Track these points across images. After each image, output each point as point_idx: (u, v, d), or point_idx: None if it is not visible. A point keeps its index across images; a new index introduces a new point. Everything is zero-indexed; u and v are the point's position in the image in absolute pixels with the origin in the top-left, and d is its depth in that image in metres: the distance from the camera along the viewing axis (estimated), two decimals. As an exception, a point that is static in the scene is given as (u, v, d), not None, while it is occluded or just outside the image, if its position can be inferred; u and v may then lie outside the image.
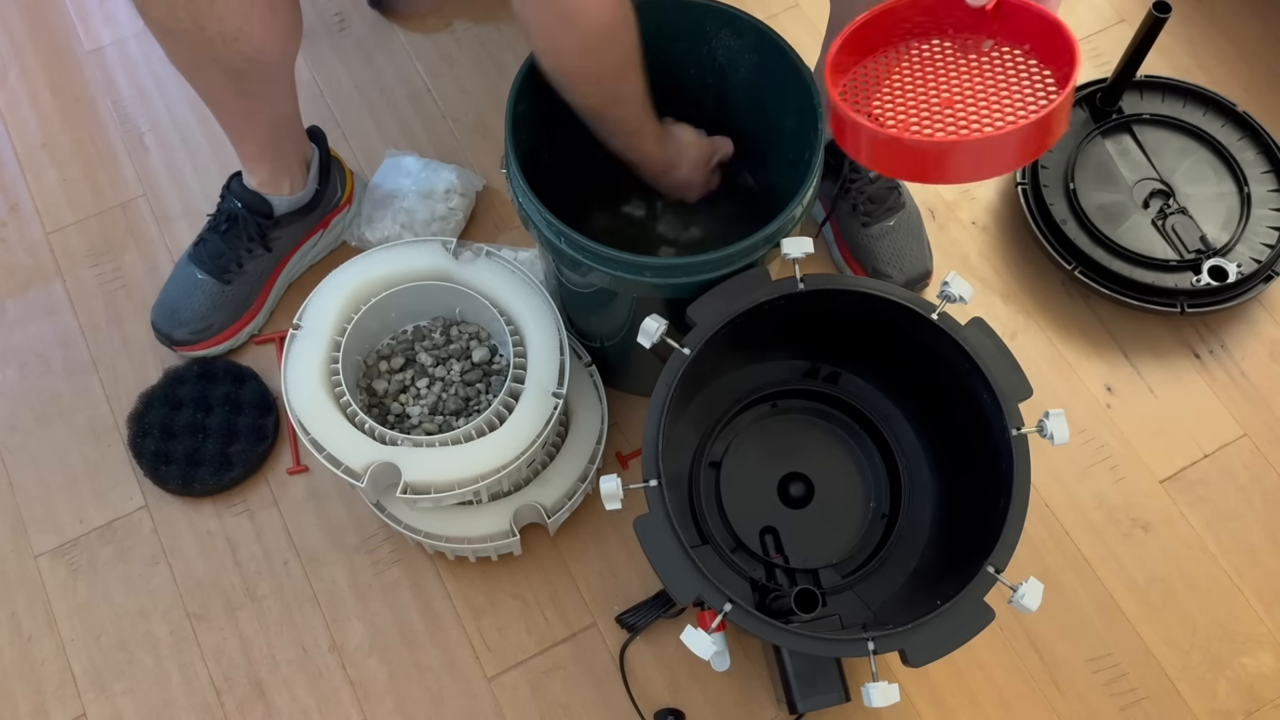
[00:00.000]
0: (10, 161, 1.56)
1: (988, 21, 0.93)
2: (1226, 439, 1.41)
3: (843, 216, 1.45)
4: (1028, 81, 0.91)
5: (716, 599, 0.96)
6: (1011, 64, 0.93)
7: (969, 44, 0.95)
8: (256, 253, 1.38)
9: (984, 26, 0.94)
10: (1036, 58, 0.92)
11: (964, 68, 0.94)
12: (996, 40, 0.94)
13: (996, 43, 0.94)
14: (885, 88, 0.95)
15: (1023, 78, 0.92)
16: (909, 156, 0.89)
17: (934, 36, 0.96)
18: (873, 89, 0.95)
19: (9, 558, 1.32)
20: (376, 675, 1.27)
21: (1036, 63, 0.92)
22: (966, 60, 0.94)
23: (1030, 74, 0.92)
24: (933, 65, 0.95)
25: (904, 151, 0.89)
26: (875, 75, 0.96)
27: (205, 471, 1.33)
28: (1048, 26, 0.90)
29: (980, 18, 0.93)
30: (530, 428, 1.16)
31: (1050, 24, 0.89)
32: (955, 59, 0.94)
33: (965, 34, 0.95)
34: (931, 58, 0.95)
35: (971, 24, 0.95)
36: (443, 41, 1.65)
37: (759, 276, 1.08)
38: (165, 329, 1.39)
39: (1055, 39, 0.89)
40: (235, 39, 1.11)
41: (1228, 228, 1.44)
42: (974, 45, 0.95)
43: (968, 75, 0.93)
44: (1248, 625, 1.31)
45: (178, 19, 1.08)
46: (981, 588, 0.98)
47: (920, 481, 1.21)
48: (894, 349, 1.17)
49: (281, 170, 1.34)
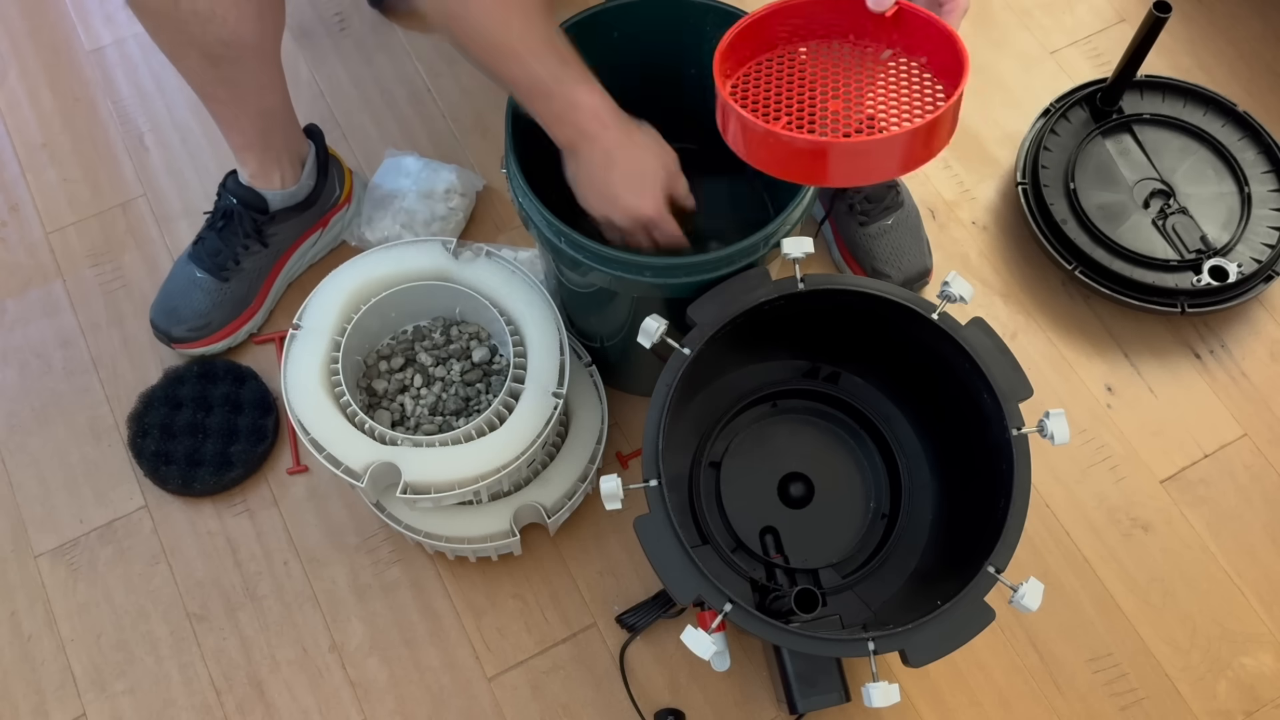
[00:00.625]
0: (10, 161, 1.56)
1: (888, 31, 0.94)
2: (1227, 439, 1.41)
3: (841, 216, 1.45)
4: (919, 92, 0.92)
5: (717, 599, 0.96)
6: (906, 74, 0.93)
7: (868, 52, 0.95)
8: (254, 249, 1.38)
9: (884, 36, 0.94)
10: (931, 71, 0.92)
11: (860, 74, 0.94)
12: (895, 50, 0.94)
13: (895, 53, 0.94)
14: (778, 86, 0.95)
15: (915, 88, 0.92)
16: (784, 153, 0.88)
17: (835, 40, 0.97)
18: (766, 85, 0.95)
19: (9, 558, 1.32)
20: (376, 675, 1.27)
21: (931, 76, 0.92)
22: (864, 67, 0.94)
23: (923, 85, 0.92)
24: (829, 69, 0.95)
25: (780, 148, 0.88)
26: (771, 72, 0.96)
27: (205, 471, 1.33)
28: (944, 40, 0.90)
29: (881, 26, 0.93)
30: (530, 428, 1.16)
31: (946, 37, 0.90)
32: (852, 65, 0.95)
33: (866, 41, 0.96)
34: (829, 61, 0.95)
35: (873, 32, 0.95)
36: (443, 41, 1.65)
37: (759, 276, 1.08)
38: (164, 326, 1.39)
39: (950, 53, 0.89)
40: (209, 19, 1.12)
41: (1228, 228, 1.44)
42: (873, 54, 0.95)
43: (863, 82, 0.93)
44: (1248, 625, 1.31)
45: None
46: (982, 588, 0.98)
47: (920, 481, 1.21)
48: (894, 349, 1.17)
49: (271, 162, 1.34)
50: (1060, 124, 1.51)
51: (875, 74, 0.94)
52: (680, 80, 1.23)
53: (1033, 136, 1.51)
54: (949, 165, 1.57)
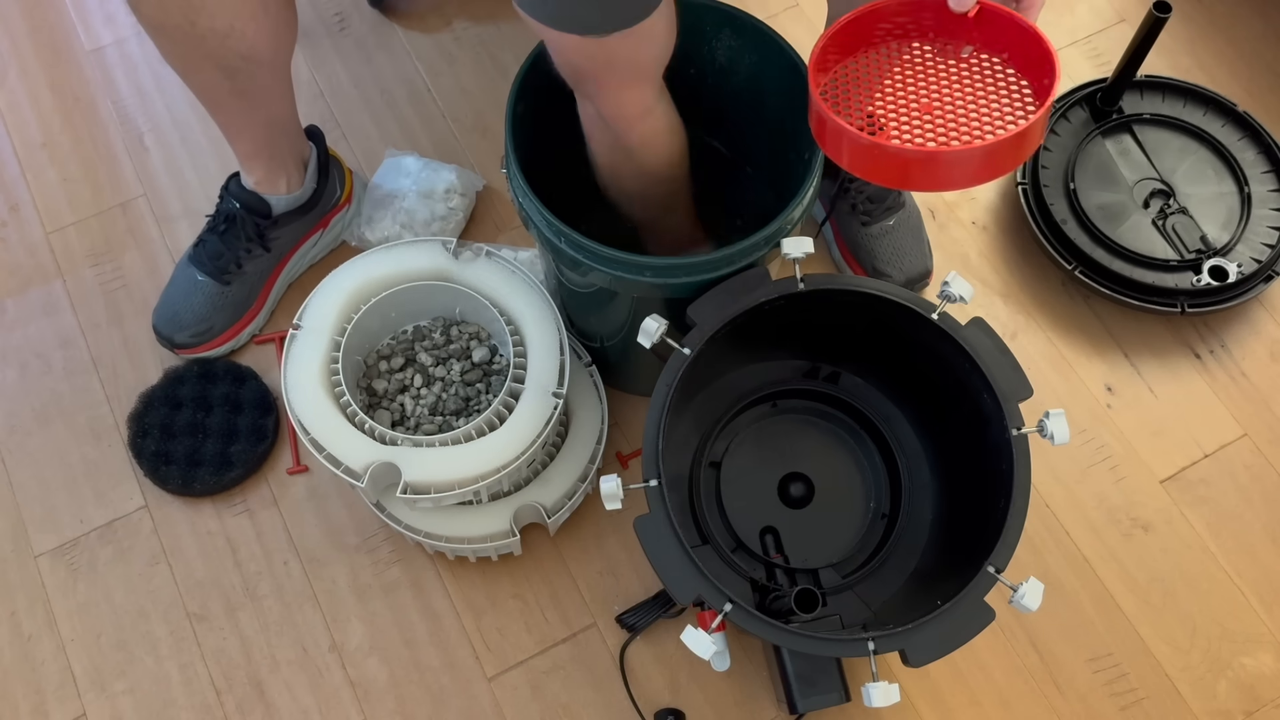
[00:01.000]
0: (10, 161, 1.56)
1: (968, 27, 0.94)
2: (1227, 439, 1.41)
3: (842, 216, 1.45)
4: (1004, 90, 0.92)
5: (716, 599, 0.96)
6: (989, 72, 0.93)
7: (948, 49, 0.95)
8: (255, 253, 1.37)
9: (964, 32, 0.94)
10: (1014, 67, 0.92)
11: (943, 73, 0.94)
12: (976, 47, 0.94)
13: (976, 49, 0.94)
14: (865, 90, 0.95)
15: (999, 87, 0.92)
16: (889, 163, 0.89)
17: (915, 39, 0.97)
18: (853, 90, 0.95)
19: (9, 558, 1.32)
20: (376, 675, 1.27)
21: (1014, 72, 0.92)
22: (945, 65, 0.94)
23: (1007, 83, 0.92)
24: (912, 69, 0.95)
25: (884, 158, 0.89)
26: (856, 76, 0.96)
27: (205, 471, 1.33)
28: (1027, 36, 0.90)
29: (961, 23, 0.93)
30: (530, 428, 1.16)
31: (1029, 34, 0.90)
32: (934, 64, 0.95)
33: (945, 38, 0.96)
34: (911, 61, 0.96)
35: (952, 29, 0.95)
36: (443, 41, 1.65)
37: (759, 276, 1.08)
38: (167, 332, 1.38)
39: (1034, 49, 0.90)
40: (227, 35, 1.11)
41: (1228, 228, 1.44)
42: (953, 50, 0.95)
43: (946, 81, 0.93)
44: (1248, 625, 1.31)
45: (169, 15, 1.08)
46: (982, 588, 0.98)
47: (920, 481, 1.21)
48: (894, 349, 1.17)
49: (278, 169, 1.34)
50: (1060, 124, 1.51)
51: (959, 72, 0.94)
52: (681, 78, 1.23)
53: (1033, 136, 1.51)
54: (949, 165, 1.57)
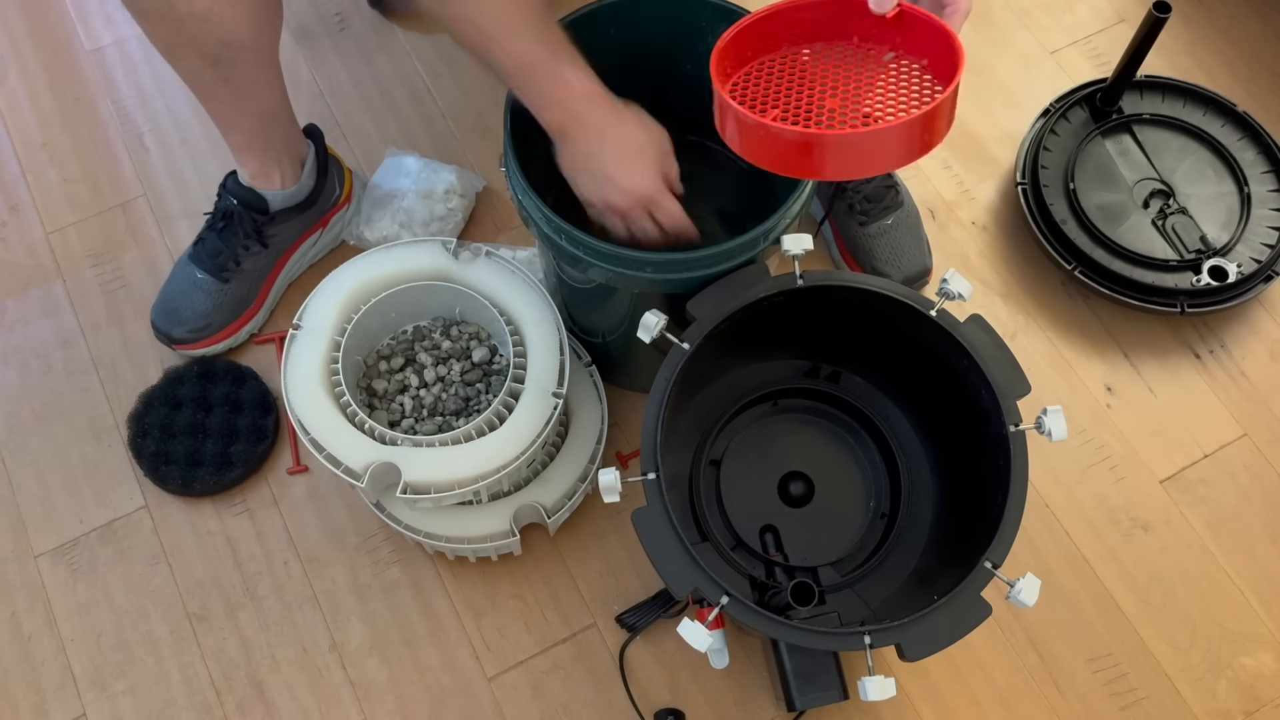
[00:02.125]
0: (10, 161, 1.56)
1: (890, 32, 0.94)
2: (1226, 439, 1.41)
3: (841, 215, 1.45)
4: (918, 92, 0.92)
5: (713, 592, 0.96)
6: (907, 76, 0.93)
7: (871, 53, 0.96)
8: (254, 250, 1.38)
9: (887, 37, 0.95)
10: (932, 72, 0.93)
11: (861, 75, 0.94)
12: (897, 53, 0.95)
13: (897, 55, 0.95)
14: (778, 85, 0.95)
15: (914, 88, 0.92)
16: (777, 146, 0.89)
17: (838, 41, 0.97)
18: (766, 84, 0.95)
19: (9, 558, 1.32)
20: (376, 675, 1.27)
21: (931, 77, 0.93)
22: (865, 68, 0.95)
23: (923, 85, 0.92)
24: (830, 70, 0.95)
25: (771, 141, 0.89)
26: (772, 72, 0.97)
27: (205, 471, 1.33)
28: (943, 40, 0.90)
29: (884, 28, 0.94)
30: (530, 428, 1.16)
31: (944, 37, 0.90)
32: (854, 66, 0.95)
33: (869, 43, 0.96)
34: (831, 62, 0.96)
35: (875, 34, 0.95)
36: (443, 41, 1.65)
37: (758, 272, 1.08)
38: (165, 328, 1.39)
39: (949, 51, 0.90)
40: (205, 19, 1.11)
41: (1228, 228, 1.44)
42: (875, 55, 0.95)
43: (863, 82, 0.94)
44: (1248, 625, 1.31)
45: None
46: (978, 583, 0.98)
47: (920, 481, 1.21)
48: (894, 347, 1.17)
49: (271, 162, 1.34)
50: (1060, 124, 1.51)
51: (876, 75, 0.94)
52: (679, 77, 1.23)
53: (1032, 136, 1.51)
54: (949, 165, 1.57)
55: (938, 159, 1.57)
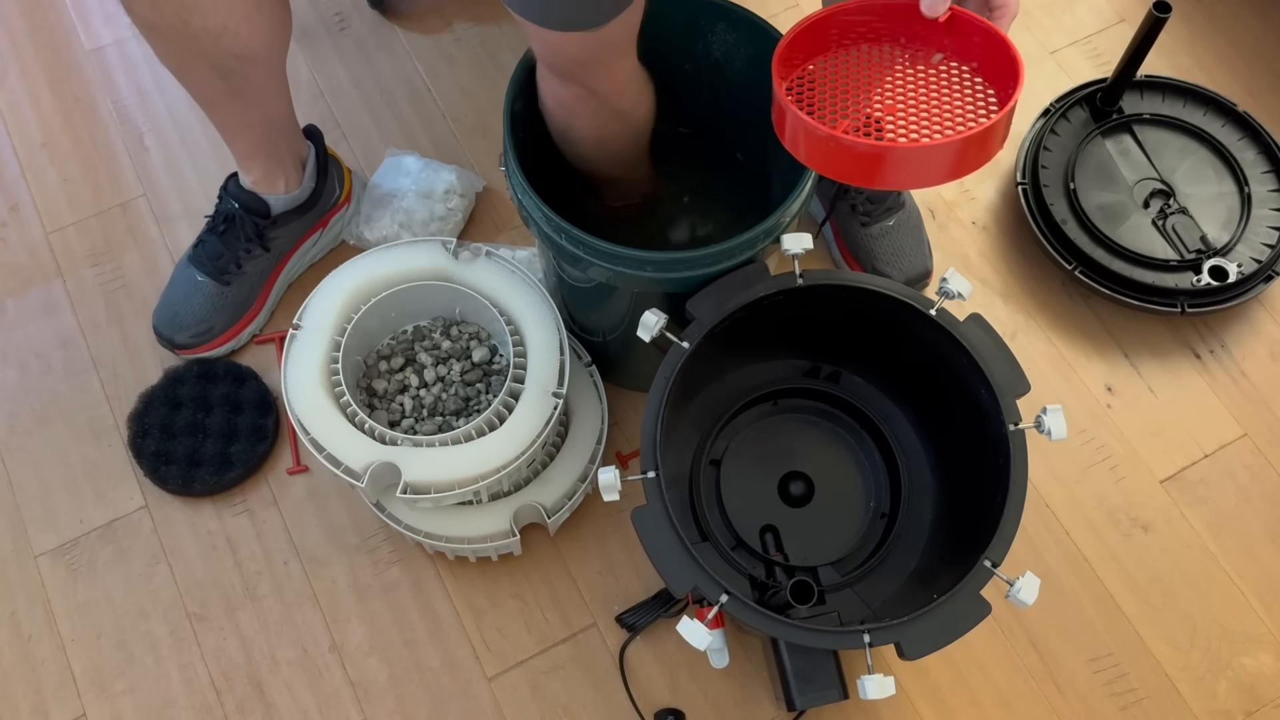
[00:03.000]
0: (10, 161, 1.56)
1: (940, 34, 0.94)
2: (1226, 439, 1.41)
3: (842, 216, 1.45)
4: (970, 97, 0.92)
5: (713, 590, 0.96)
6: (958, 79, 0.93)
7: (920, 55, 0.96)
8: (255, 253, 1.38)
9: (936, 39, 0.95)
10: (983, 75, 0.93)
11: (912, 78, 0.94)
12: (946, 55, 0.95)
13: (946, 57, 0.95)
14: (833, 87, 0.95)
15: (966, 93, 0.92)
16: (844, 157, 0.89)
17: (887, 43, 0.97)
18: (819, 88, 0.96)
19: (9, 558, 1.32)
20: (376, 675, 1.27)
21: (982, 81, 0.93)
22: (915, 71, 0.95)
23: (974, 90, 0.92)
24: (882, 72, 0.95)
25: (839, 151, 0.89)
26: (825, 74, 0.97)
27: (205, 471, 1.33)
28: (996, 45, 0.90)
29: (933, 30, 0.94)
30: (530, 428, 1.16)
31: (998, 42, 0.90)
32: (904, 68, 0.95)
33: (917, 45, 0.96)
34: (881, 64, 0.96)
35: (924, 35, 0.95)
36: (443, 41, 1.65)
37: (758, 272, 1.08)
38: (167, 333, 1.39)
39: (1003, 58, 0.90)
40: (220, 35, 1.11)
41: (1228, 228, 1.44)
42: (924, 57, 0.95)
43: (914, 85, 0.94)
44: (1248, 625, 1.31)
45: (162, 15, 1.08)
46: (978, 581, 0.98)
47: (920, 481, 1.21)
48: (894, 347, 1.17)
49: (276, 168, 1.34)
50: (1060, 124, 1.51)
51: (928, 77, 0.94)
52: (678, 75, 1.23)
53: (1033, 136, 1.51)
54: (949, 165, 1.57)
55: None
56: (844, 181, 0.92)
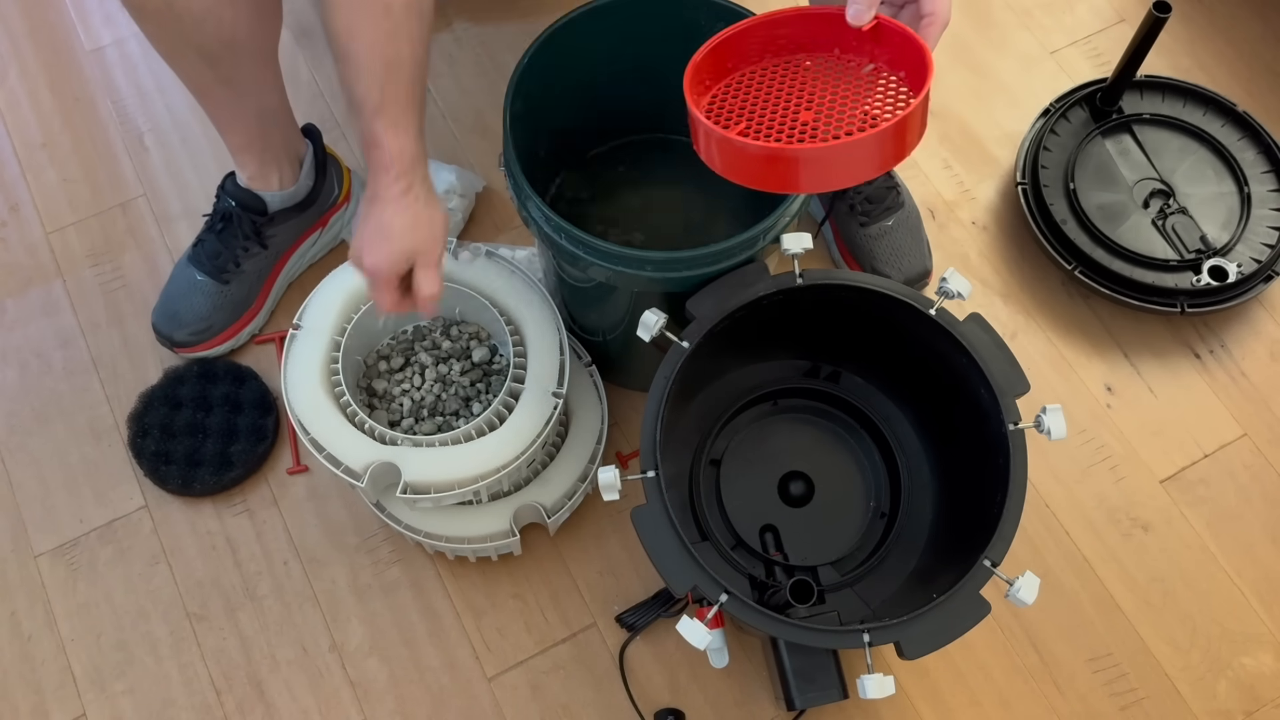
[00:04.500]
0: (10, 161, 1.56)
1: (869, 45, 0.95)
2: (1226, 439, 1.41)
3: (841, 216, 1.45)
4: (893, 102, 0.93)
5: (712, 589, 0.96)
6: (884, 88, 0.94)
7: (850, 65, 0.96)
8: (253, 251, 1.38)
9: (866, 50, 0.95)
10: (909, 85, 0.93)
11: (839, 87, 0.95)
12: (877, 65, 0.95)
13: (877, 67, 0.95)
14: (755, 99, 0.96)
15: (889, 100, 0.93)
16: (749, 161, 0.90)
17: (818, 54, 0.98)
18: (743, 99, 0.96)
19: (9, 558, 1.32)
20: (376, 675, 1.27)
21: (908, 90, 0.93)
22: (844, 80, 0.95)
23: (899, 98, 0.93)
24: (809, 82, 0.96)
25: (743, 156, 0.90)
26: (750, 85, 0.98)
27: (205, 471, 1.33)
28: (915, 51, 0.91)
29: (863, 40, 0.95)
30: (530, 428, 1.16)
31: (917, 49, 0.90)
32: (832, 79, 0.96)
33: (849, 55, 0.97)
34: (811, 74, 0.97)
35: (855, 46, 0.96)
36: (443, 41, 1.65)
37: (758, 271, 1.08)
38: (166, 331, 1.39)
39: (921, 64, 0.90)
40: (204, 19, 1.11)
41: (1228, 228, 1.44)
42: (855, 67, 0.96)
43: (841, 94, 0.94)
44: (1248, 625, 1.31)
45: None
46: (977, 581, 0.98)
47: (920, 481, 1.21)
48: (894, 347, 1.17)
49: (270, 163, 1.34)
50: (1060, 124, 1.51)
51: (856, 87, 0.95)
52: (677, 76, 1.23)
53: (1032, 136, 1.51)
54: (949, 165, 1.57)
55: (938, 159, 1.57)
56: (760, 188, 0.92)
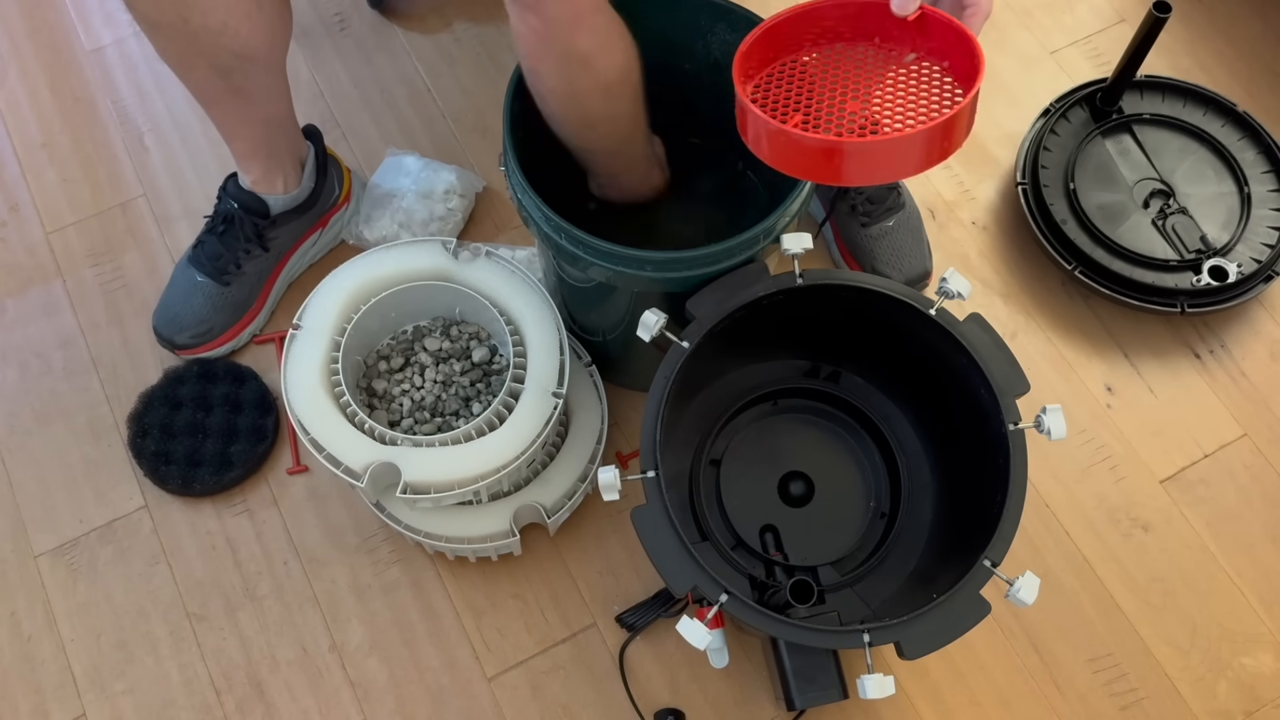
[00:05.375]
0: (10, 161, 1.56)
1: (912, 34, 0.94)
2: (1226, 439, 1.41)
3: (842, 217, 1.45)
4: (938, 94, 0.92)
5: (712, 589, 0.96)
6: (928, 78, 0.94)
7: (892, 55, 0.96)
8: (254, 253, 1.38)
9: (909, 39, 0.95)
10: (953, 74, 0.93)
11: (883, 77, 0.94)
12: (919, 55, 0.95)
13: (919, 56, 0.95)
14: (800, 87, 0.95)
15: (934, 90, 0.93)
16: (799, 152, 0.89)
17: (860, 43, 0.98)
18: (788, 87, 0.96)
19: (9, 558, 1.32)
20: (376, 675, 1.27)
21: (952, 80, 0.93)
22: (887, 70, 0.95)
23: (943, 87, 0.93)
24: (852, 71, 0.95)
25: (793, 147, 0.89)
26: (794, 74, 0.97)
27: (205, 471, 1.33)
28: (963, 43, 0.90)
29: (905, 30, 0.94)
30: (530, 428, 1.16)
31: (964, 40, 0.90)
32: (875, 68, 0.95)
33: (891, 44, 0.96)
34: (853, 64, 0.96)
35: (898, 35, 0.95)
36: (443, 41, 1.65)
37: (758, 271, 1.08)
38: (167, 334, 1.39)
39: (968, 55, 0.90)
40: (220, 33, 1.11)
41: (1228, 228, 1.44)
42: (897, 57, 0.96)
43: (885, 84, 0.94)
44: (1248, 625, 1.31)
45: (163, 12, 1.08)
46: (977, 581, 0.98)
47: (920, 481, 1.21)
48: (894, 347, 1.17)
49: (275, 168, 1.34)
50: (1060, 124, 1.51)
51: (898, 77, 0.94)
52: (677, 75, 1.23)
53: (1033, 136, 1.51)
54: (949, 165, 1.57)
55: (938, 159, 1.57)
56: (805, 178, 0.92)
